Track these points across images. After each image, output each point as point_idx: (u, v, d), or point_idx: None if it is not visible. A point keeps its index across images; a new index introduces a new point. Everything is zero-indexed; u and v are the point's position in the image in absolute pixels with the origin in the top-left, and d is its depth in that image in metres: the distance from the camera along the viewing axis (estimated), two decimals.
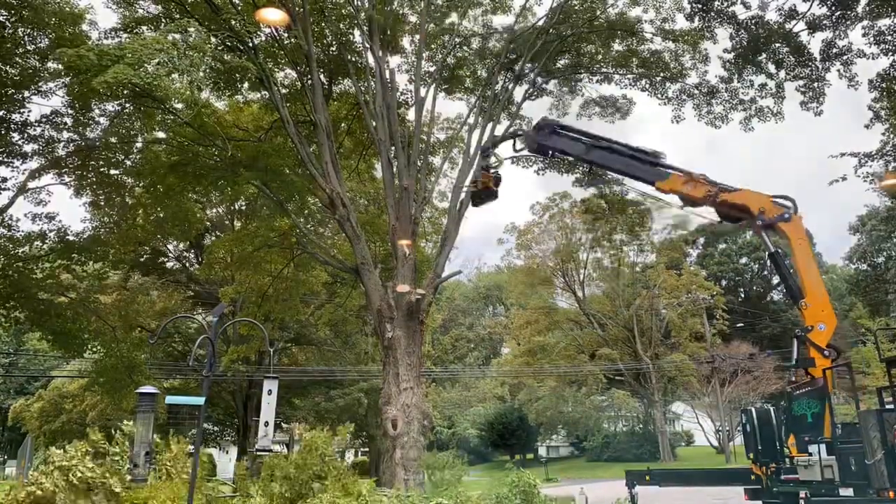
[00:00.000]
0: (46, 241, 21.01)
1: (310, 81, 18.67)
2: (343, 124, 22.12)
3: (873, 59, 17.15)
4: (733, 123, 20.49)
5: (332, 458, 9.72)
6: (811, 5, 16.66)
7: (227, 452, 48.87)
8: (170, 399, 5.78)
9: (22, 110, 18.56)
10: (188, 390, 31.13)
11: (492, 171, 15.57)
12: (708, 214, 13.77)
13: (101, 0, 18.10)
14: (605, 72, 22.17)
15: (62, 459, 7.54)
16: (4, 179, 19.77)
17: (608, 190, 22.77)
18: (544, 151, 15.83)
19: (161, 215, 22.80)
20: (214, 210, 32.60)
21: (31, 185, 20.63)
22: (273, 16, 17.29)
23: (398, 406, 15.56)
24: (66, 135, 20.06)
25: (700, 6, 17.49)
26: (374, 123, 19.04)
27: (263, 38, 19.26)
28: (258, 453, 5.62)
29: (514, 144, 16.74)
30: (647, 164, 13.93)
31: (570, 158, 15.46)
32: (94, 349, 25.87)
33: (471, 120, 21.32)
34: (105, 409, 33.29)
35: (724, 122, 20.46)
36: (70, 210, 53.27)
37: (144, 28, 17.99)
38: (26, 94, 18.15)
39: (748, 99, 19.76)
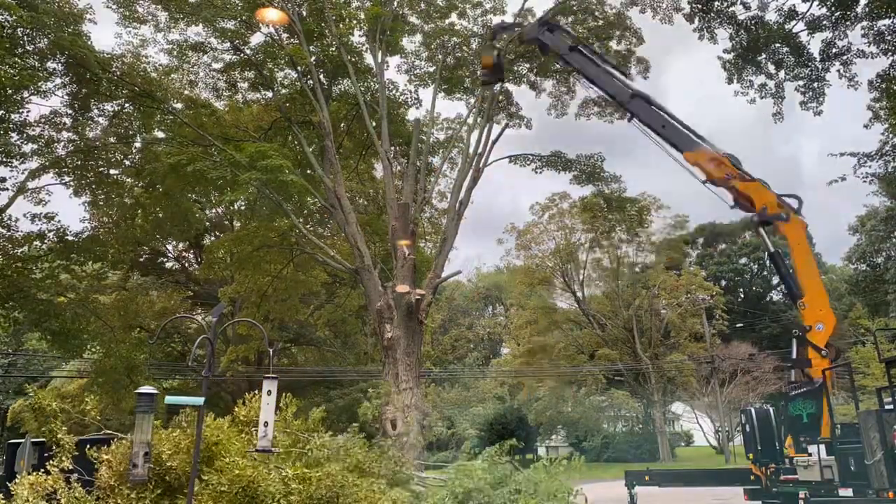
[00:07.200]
0: (45, 241, 20.98)
1: (311, 82, 18.69)
2: (343, 124, 22.14)
3: (873, 59, 17.14)
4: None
5: None
6: (811, 5, 16.62)
7: None
8: (169, 399, 5.78)
9: (21, 110, 18.54)
10: (187, 390, 31.09)
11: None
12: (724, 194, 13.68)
13: (101, 0, 18.12)
14: None
15: None
16: (4, 179, 19.75)
17: (606, 188, 22.77)
18: (543, 48, 15.52)
19: (160, 215, 22.80)
20: (214, 210, 32.58)
21: (30, 185, 20.62)
22: (275, 16, 17.37)
23: (397, 406, 15.56)
24: (65, 135, 20.05)
25: (700, 6, 17.44)
26: (374, 124, 19.07)
27: (263, 39, 19.28)
28: (257, 454, 5.61)
29: (519, 35, 16.58)
30: (684, 130, 13.65)
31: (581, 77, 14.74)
32: (94, 349, 25.85)
33: (470, 120, 21.35)
34: (104, 410, 33.23)
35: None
36: (70, 210, 52.93)
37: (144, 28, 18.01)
38: (26, 94, 18.12)
39: (748, 99, 19.75)
